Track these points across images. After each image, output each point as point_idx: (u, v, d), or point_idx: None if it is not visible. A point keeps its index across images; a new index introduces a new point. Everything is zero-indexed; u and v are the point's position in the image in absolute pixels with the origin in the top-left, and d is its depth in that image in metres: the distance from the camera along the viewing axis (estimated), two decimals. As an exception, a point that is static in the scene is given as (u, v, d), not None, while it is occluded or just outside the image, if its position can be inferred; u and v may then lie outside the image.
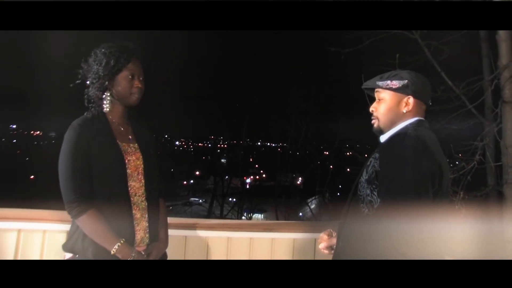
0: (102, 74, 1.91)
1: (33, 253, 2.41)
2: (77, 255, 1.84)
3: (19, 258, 2.40)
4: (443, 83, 4.80)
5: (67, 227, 2.36)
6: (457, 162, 4.57)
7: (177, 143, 37.28)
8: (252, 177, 28.42)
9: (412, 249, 1.46)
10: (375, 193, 1.65)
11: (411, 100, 1.76)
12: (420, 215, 1.49)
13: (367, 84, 1.89)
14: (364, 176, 1.73)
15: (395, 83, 1.77)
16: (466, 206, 4.20)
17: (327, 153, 18.60)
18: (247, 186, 25.89)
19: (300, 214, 20.31)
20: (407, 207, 1.48)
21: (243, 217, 21.66)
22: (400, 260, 1.44)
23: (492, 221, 4.22)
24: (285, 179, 19.36)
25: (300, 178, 21.72)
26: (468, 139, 4.52)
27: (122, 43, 1.97)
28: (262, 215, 25.07)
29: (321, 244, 1.95)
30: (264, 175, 29.16)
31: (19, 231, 2.41)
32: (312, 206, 18.65)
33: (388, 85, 1.79)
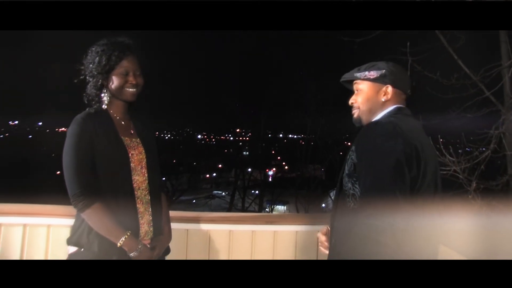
0: (96, 73, 1.93)
1: (39, 248, 2.48)
2: (82, 249, 1.85)
3: (25, 253, 2.47)
4: (457, 70, 4.69)
5: (71, 221, 2.41)
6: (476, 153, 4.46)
7: (199, 136, 37.50)
8: (274, 169, 28.45)
9: (395, 239, 1.42)
10: (356, 186, 1.64)
11: (389, 89, 1.75)
12: (401, 203, 1.46)
13: (345, 77, 1.89)
14: (346, 171, 1.72)
15: (373, 73, 1.78)
16: (481, 196, 4.11)
17: (349, 143, 18.42)
18: (270, 179, 25.93)
19: (323, 205, 20.23)
20: (387, 196, 1.46)
21: (266, 209, 21.74)
22: (403, 260, 1.41)
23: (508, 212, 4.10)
24: (305, 171, 19.31)
25: (321, 169, 21.60)
26: (483, 127, 4.42)
27: (116, 40, 1.97)
28: (285, 207, 25.10)
29: (321, 247, 1.94)
30: (286, 167, 29.09)
31: (24, 225, 2.48)
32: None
33: (366, 76, 1.80)
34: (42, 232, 2.48)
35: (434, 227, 1.67)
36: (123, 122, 2.03)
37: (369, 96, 1.80)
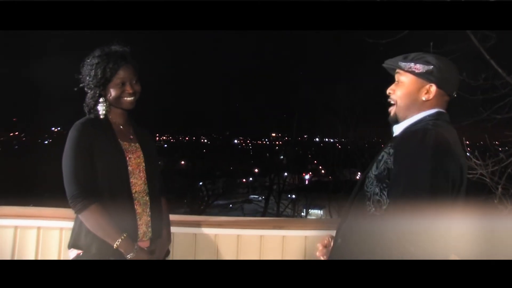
0: (93, 86, 1.99)
1: (51, 250, 2.57)
2: (80, 251, 1.93)
3: (39, 254, 2.56)
4: (485, 70, 4.51)
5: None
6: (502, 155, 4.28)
7: (235, 141, 37.79)
8: (310, 173, 28.23)
9: (422, 248, 1.36)
10: (385, 193, 1.51)
11: (433, 88, 1.60)
12: (435, 217, 1.37)
13: (388, 63, 1.73)
14: (374, 171, 1.58)
15: (419, 67, 1.61)
16: (511, 201, 3.93)
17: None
18: (305, 183, 25.74)
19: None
20: (420, 211, 1.36)
21: (302, 214, 21.59)
22: (408, 260, 1.36)
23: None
24: (339, 175, 19.06)
25: (355, 173, 21.27)
26: (512, 129, 4.24)
27: (110, 50, 2.02)
28: (321, 211, 24.81)
29: (319, 254, 1.88)
30: (322, 171, 28.78)
31: (38, 228, 2.57)
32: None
33: (410, 68, 1.63)
34: (55, 235, 2.56)
35: (453, 234, 1.59)
36: (121, 127, 2.10)
37: (410, 91, 1.65)
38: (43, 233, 2.57)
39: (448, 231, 1.46)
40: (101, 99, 2.03)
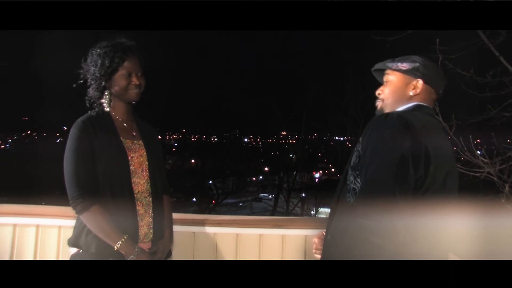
0: (99, 75, 1.96)
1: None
2: (80, 250, 1.91)
3: (38, 253, 2.57)
4: (492, 67, 4.44)
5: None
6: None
7: (245, 140, 37.81)
8: (320, 171, 28.21)
9: (392, 242, 1.34)
10: (358, 180, 1.52)
11: (420, 83, 1.67)
12: (400, 203, 1.37)
13: (377, 66, 1.81)
14: (351, 163, 1.60)
15: (405, 65, 1.69)
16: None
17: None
18: (316, 181, 25.73)
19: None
20: (385, 193, 1.37)
21: (312, 212, 21.56)
22: (410, 260, 1.36)
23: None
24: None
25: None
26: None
27: (116, 42, 2.01)
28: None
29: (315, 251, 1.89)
30: (332, 169, 28.72)
31: (37, 226, 2.58)
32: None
33: (397, 66, 1.71)
34: (54, 233, 2.57)
35: (441, 231, 1.55)
36: (125, 124, 2.06)
37: (397, 87, 1.71)
38: (42, 231, 2.58)
39: (420, 220, 1.44)
40: (106, 92, 2.01)
